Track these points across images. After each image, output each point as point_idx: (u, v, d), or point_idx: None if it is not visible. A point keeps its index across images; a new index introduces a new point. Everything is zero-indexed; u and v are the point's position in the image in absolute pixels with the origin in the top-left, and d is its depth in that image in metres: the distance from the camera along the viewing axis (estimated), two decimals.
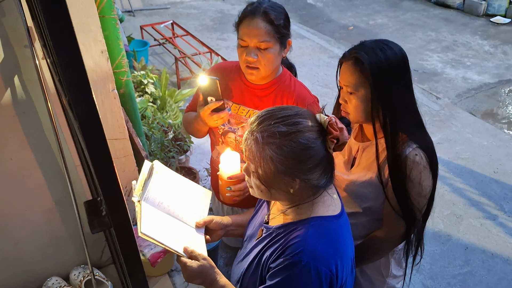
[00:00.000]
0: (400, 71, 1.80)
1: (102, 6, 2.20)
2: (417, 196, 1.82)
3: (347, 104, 1.86)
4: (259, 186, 1.45)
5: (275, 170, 1.37)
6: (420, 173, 1.79)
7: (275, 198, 1.50)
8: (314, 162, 1.38)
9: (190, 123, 2.27)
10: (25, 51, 1.62)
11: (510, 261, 3.67)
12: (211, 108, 2.01)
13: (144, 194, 1.64)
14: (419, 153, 1.78)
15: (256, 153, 1.39)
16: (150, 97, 4.64)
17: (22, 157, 1.78)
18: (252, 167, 1.43)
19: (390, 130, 1.79)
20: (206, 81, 1.97)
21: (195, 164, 4.45)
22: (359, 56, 1.76)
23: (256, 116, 1.45)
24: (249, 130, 1.43)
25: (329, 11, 9.47)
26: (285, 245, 1.43)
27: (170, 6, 9.45)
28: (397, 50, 1.80)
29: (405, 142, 1.80)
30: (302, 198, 1.47)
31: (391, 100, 1.78)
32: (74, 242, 2.06)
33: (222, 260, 3.48)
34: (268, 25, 1.97)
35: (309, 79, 6.34)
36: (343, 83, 1.84)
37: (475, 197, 4.33)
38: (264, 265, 1.49)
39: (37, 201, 1.90)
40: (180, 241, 1.61)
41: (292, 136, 1.36)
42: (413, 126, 1.85)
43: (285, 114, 1.40)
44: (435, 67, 6.88)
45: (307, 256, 1.36)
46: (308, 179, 1.40)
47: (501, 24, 8.34)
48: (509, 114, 5.68)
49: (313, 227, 1.43)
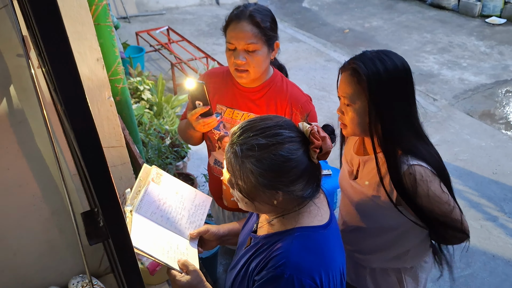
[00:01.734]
0: (401, 84, 1.73)
1: (97, 14, 2.20)
2: (433, 207, 1.74)
3: (344, 115, 1.80)
4: (242, 198, 1.43)
5: (256, 183, 1.34)
6: (427, 187, 1.71)
7: (260, 211, 1.47)
8: (296, 174, 1.35)
9: (184, 130, 2.27)
10: (20, 60, 1.61)
11: (511, 262, 3.66)
12: (198, 113, 2.01)
13: (137, 204, 1.63)
14: (420, 167, 1.71)
15: (235, 166, 1.36)
16: (147, 103, 4.64)
17: (18, 167, 1.77)
18: (233, 179, 1.41)
19: (390, 145, 1.73)
20: (193, 85, 1.97)
21: (193, 170, 4.44)
22: (357, 66, 1.69)
23: (237, 127, 1.42)
24: (229, 142, 1.40)
25: (324, 14, 9.49)
26: (269, 257, 1.41)
27: (166, 12, 9.46)
28: (398, 62, 1.72)
29: (403, 156, 1.73)
30: (287, 209, 1.44)
31: (391, 114, 1.71)
32: (72, 252, 2.04)
33: (222, 266, 3.47)
34: (254, 27, 1.99)
35: (306, 82, 6.34)
36: (340, 94, 1.78)
37: (475, 198, 4.32)
38: (250, 277, 1.47)
39: (35, 211, 1.89)
40: (171, 252, 1.59)
41: (272, 149, 1.32)
42: (414, 141, 1.77)
43: (264, 126, 1.37)
44: (432, 69, 6.88)
45: (289, 268, 1.33)
46: (291, 191, 1.37)
47: (496, 24, 8.37)
48: (506, 115, 5.68)
49: (297, 238, 1.40)
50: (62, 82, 0.66)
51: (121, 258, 0.86)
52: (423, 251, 2.01)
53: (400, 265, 2.00)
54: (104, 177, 0.73)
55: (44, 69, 1.27)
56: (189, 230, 1.74)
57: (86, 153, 0.70)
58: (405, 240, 1.94)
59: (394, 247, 1.96)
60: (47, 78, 1.31)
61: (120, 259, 0.86)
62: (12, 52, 1.59)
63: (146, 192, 1.69)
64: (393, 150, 1.73)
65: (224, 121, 2.21)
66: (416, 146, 1.76)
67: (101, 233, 0.84)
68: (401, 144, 1.74)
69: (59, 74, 0.65)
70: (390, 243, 1.95)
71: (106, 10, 2.23)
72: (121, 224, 0.80)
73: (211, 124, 2.05)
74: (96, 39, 1.71)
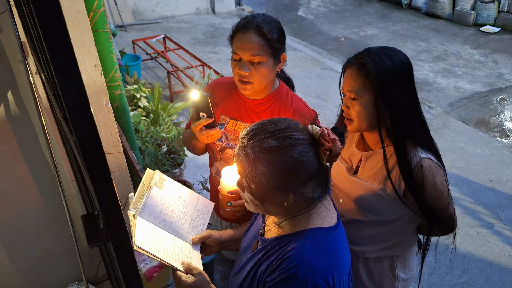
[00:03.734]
0: (407, 78, 1.79)
1: (95, 20, 2.20)
2: (435, 199, 1.81)
3: (350, 110, 1.83)
4: (253, 201, 1.43)
5: (267, 185, 1.35)
6: (434, 178, 1.78)
7: (269, 213, 1.48)
8: (307, 176, 1.36)
9: (187, 139, 2.26)
10: (18, 67, 1.61)
11: (508, 269, 3.66)
12: (202, 124, 2.00)
13: (140, 208, 1.63)
14: (429, 160, 1.78)
15: (247, 169, 1.37)
16: (143, 111, 4.64)
17: (16, 173, 1.77)
18: (245, 182, 1.41)
19: (400, 138, 1.78)
20: (197, 97, 1.96)
21: (189, 178, 4.43)
22: (364, 61, 1.73)
23: (247, 130, 1.42)
24: (240, 145, 1.40)
25: (320, 23, 9.53)
26: (281, 258, 1.41)
27: (162, 21, 9.48)
28: (403, 57, 1.78)
29: (413, 149, 1.78)
30: (297, 210, 1.45)
31: (400, 106, 1.76)
32: (69, 258, 2.04)
33: (219, 274, 3.46)
34: (261, 39, 1.95)
35: (301, 90, 6.35)
36: (346, 89, 1.81)
37: (471, 205, 4.33)
38: (260, 279, 1.47)
39: (32, 217, 1.88)
40: (174, 255, 1.59)
41: (284, 151, 1.33)
42: (421, 132, 1.84)
43: (276, 128, 1.38)
44: (427, 77, 6.92)
45: (303, 269, 1.34)
46: (302, 192, 1.38)
47: (490, 33, 8.43)
48: (501, 122, 5.71)
49: (308, 239, 1.41)
50: (66, 90, 0.66)
51: (121, 261, 0.86)
52: (414, 238, 2.09)
53: (394, 253, 2.06)
54: (104, 177, 0.73)
55: (43, 75, 1.27)
56: (192, 235, 1.74)
57: (87, 152, 0.71)
58: (402, 230, 1.99)
59: (392, 238, 2.00)
60: (46, 84, 1.31)
61: (120, 263, 0.86)
62: (9, 58, 1.59)
63: (149, 197, 1.69)
64: (403, 142, 1.78)
65: (227, 132, 2.18)
66: (425, 137, 1.83)
67: (101, 236, 0.84)
68: (411, 134, 1.79)
69: (63, 82, 0.66)
70: (389, 234, 1.99)
71: (104, 17, 2.23)
72: (122, 227, 0.80)
73: (214, 136, 2.04)
74: (94, 45, 1.72)
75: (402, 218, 1.93)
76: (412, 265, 2.16)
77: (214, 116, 2.01)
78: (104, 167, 0.72)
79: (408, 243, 2.06)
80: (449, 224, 1.92)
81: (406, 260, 2.10)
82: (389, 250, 2.04)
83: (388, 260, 2.07)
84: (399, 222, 1.95)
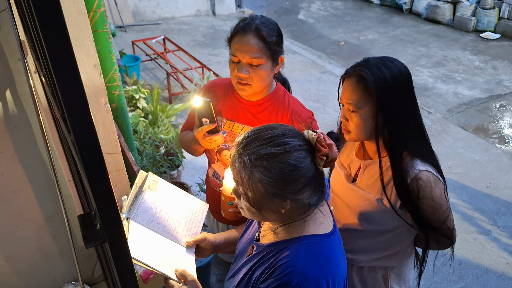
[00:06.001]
0: (406, 88, 1.76)
1: (95, 20, 2.20)
2: (434, 211, 1.79)
3: (348, 122, 1.81)
4: (249, 208, 1.42)
5: (264, 192, 1.34)
6: (431, 191, 1.75)
7: (266, 219, 1.47)
8: (304, 182, 1.35)
9: (187, 143, 2.26)
10: (16, 65, 1.61)
11: (504, 276, 3.65)
12: (205, 130, 2.00)
13: (134, 212, 1.62)
14: (428, 172, 1.75)
15: (244, 176, 1.35)
16: (142, 112, 4.63)
17: (13, 173, 1.76)
18: (241, 189, 1.40)
19: (397, 149, 1.75)
20: (200, 103, 1.95)
21: (187, 179, 4.43)
22: (363, 73, 1.71)
23: (242, 137, 1.41)
24: (236, 152, 1.39)
25: (320, 27, 9.54)
26: (275, 265, 1.40)
27: (162, 22, 9.48)
28: (402, 67, 1.76)
29: (411, 161, 1.76)
30: (293, 217, 1.44)
31: (399, 118, 1.74)
32: (65, 259, 2.03)
33: (215, 276, 3.45)
34: (260, 41, 1.95)
35: (300, 94, 6.35)
36: (344, 101, 1.79)
37: (468, 212, 4.33)
38: (254, 285, 1.46)
39: (28, 216, 1.87)
40: (168, 261, 1.58)
41: (280, 158, 1.32)
42: (420, 144, 1.81)
43: (271, 135, 1.37)
44: (426, 82, 6.92)
45: (296, 277, 1.33)
46: (299, 199, 1.37)
47: (490, 39, 8.44)
48: (500, 129, 5.71)
49: (303, 246, 1.40)
50: (65, 89, 0.66)
51: (117, 262, 0.85)
52: (410, 250, 2.07)
53: (388, 264, 2.04)
54: (101, 177, 0.73)
55: (42, 73, 1.26)
56: (186, 237, 1.73)
57: (84, 151, 0.70)
58: (398, 241, 1.97)
59: (388, 248, 1.98)
60: (45, 83, 1.30)
61: (116, 263, 0.85)
62: (8, 57, 1.59)
63: (143, 200, 1.67)
64: (398, 153, 1.76)
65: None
66: (423, 149, 1.81)
67: (97, 237, 0.84)
68: (409, 146, 1.77)
69: (62, 81, 0.66)
70: (385, 244, 1.97)
71: (104, 17, 2.23)
72: (119, 227, 0.80)
73: (217, 141, 2.04)
74: (94, 45, 1.72)
75: (398, 229, 1.91)
76: (408, 277, 2.14)
77: (216, 122, 2.00)
78: (102, 167, 0.72)
79: (404, 255, 2.04)
80: (448, 237, 1.90)
81: (401, 272, 2.08)
82: (384, 260, 2.02)
83: (382, 270, 2.06)
84: (395, 233, 1.93)
